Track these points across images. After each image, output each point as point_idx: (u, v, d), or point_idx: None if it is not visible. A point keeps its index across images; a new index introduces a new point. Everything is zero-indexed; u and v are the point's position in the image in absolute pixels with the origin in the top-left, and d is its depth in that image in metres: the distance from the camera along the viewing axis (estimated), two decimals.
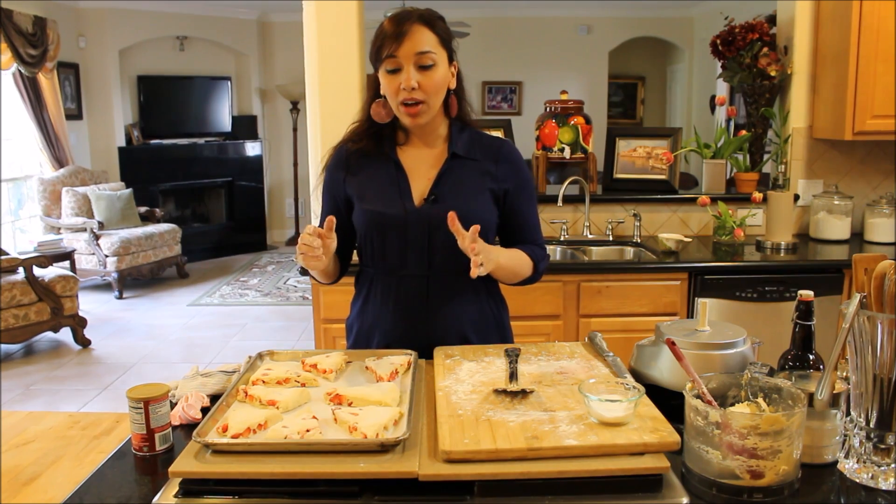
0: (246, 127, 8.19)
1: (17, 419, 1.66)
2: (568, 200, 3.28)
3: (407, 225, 1.59)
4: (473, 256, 1.39)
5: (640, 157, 3.44)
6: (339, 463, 1.04)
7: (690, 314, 2.84)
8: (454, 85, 1.61)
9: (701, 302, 1.42)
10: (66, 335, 4.99)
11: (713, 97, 7.27)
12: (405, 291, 1.63)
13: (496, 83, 8.61)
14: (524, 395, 1.23)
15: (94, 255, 6.11)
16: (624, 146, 3.48)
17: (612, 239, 3.29)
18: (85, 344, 4.90)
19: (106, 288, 6.35)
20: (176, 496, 1.04)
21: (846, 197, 3.24)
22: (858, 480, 1.11)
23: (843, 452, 1.15)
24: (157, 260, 6.45)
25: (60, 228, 6.24)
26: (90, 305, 5.81)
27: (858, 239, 3.28)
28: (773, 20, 3.44)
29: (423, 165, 1.63)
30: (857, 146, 3.30)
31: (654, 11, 8.23)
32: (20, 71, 5.96)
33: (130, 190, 6.63)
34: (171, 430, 1.25)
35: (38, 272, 4.74)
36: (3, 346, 4.75)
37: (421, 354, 1.49)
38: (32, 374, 4.43)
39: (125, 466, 1.19)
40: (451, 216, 1.40)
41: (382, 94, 1.58)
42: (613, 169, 3.48)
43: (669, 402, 1.26)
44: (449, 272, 1.60)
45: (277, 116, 8.54)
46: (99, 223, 6.12)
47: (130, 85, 7.48)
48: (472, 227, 1.40)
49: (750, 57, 3.29)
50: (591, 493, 1.03)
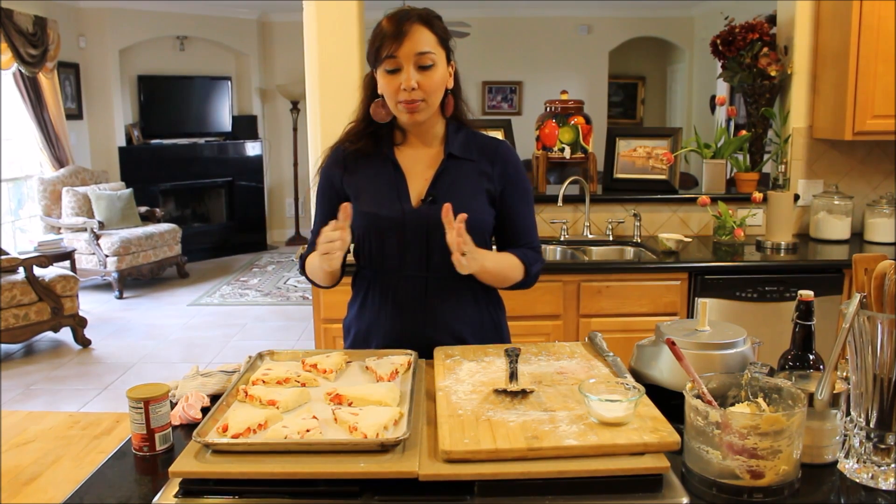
0: (246, 127, 8.19)
1: (17, 419, 1.66)
2: (568, 200, 3.28)
3: (405, 226, 1.58)
4: (456, 250, 1.40)
5: (640, 157, 3.44)
6: (339, 463, 1.05)
7: (690, 314, 2.84)
8: (452, 85, 1.60)
9: (701, 302, 1.42)
10: (66, 335, 5.00)
11: (713, 97, 7.28)
12: (403, 293, 1.62)
13: (496, 83, 8.61)
14: (524, 395, 1.23)
15: (94, 254, 6.11)
16: (624, 146, 3.48)
17: (612, 239, 3.29)
18: (85, 344, 4.91)
19: (106, 288, 6.35)
20: (176, 496, 1.04)
21: (846, 197, 3.24)
22: (858, 480, 1.11)
23: (843, 452, 1.15)
24: (157, 260, 6.45)
25: (60, 228, 6.24)
26: (90, 305, 5.81)
27: (858, 239, 3.28)
28: (773, 20, 3.44)
29: (419, 166, 1.63)
30: (857, 146, 3.30)
31: (654, 11, 8.23)
32: (20, 71, 5.97)
33: (130, 190, 6.63)
34: (171, 430, 1.25)
35: (38, 272, 4.74)
36: (3, 345, 4.75)
37: (419, 356, 1.48)
38: (32, 373, 4.43)
39: (125, 466, 1.19)
40: (445, 208, 1.41)
41: (380, 93, 1.58)
42: (613, 169, 3.48)
43: (669, 402, 1.26)
44: (447, 274, 1.59)
45: (277, 116, 8.54)
46: (99, 223, 6.12)
47: (131, 85, 7.48)
48: (458, 217, 1.40)
49: (750, 57, 3.29)
50: (591, 493, 1.03)
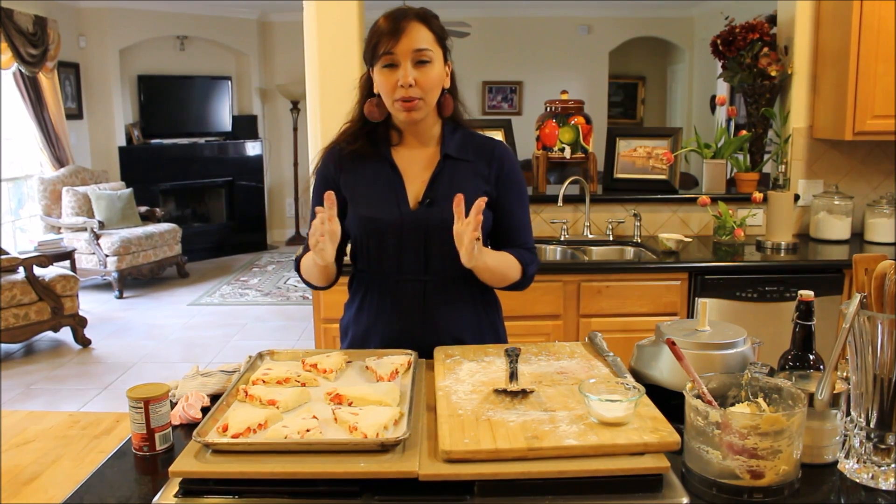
0: (246, 127, 8.19)
1: (17, 419, 1.66)
2: (568, 200, 3.28)
3: (403, 229, 1.57)
4: (472, 233, 1.37)
5: (640, 157, 3.44)
6: (339, 463, 1.04)
7: (690, 314, 2.84)
8: (448, 84, 1.59)
9: (701, 302, 1.42)
10: (66, 335, 4.99)
11: (713, 97, 7.28)
12: (401, 296, 1.61)
13: (496, 83, 8.60)
14: (524, 395, 1.23)
15: (94, 254, 6.11)
16: (624, 146, 3.48)
17: (612, 239, 3.29)
18: (85, 343, 4.90)
19: (106, 287, 6.35)
20: (176, 496, 1.04)
21: (846, 197, 3.24)
22: (858, 480, 1.11)
23: (843, 452, 1.15)
24: (157, 260, 6.45)
25: (61, 228, 6.24)
26: (90, 305, 5.81)
27: (858, 239, 3.28)
28: (773, 20, 3.43)
29: (416, 166, 1.62)
30: (857, 146, 3.30)
31: (654, 11, 8.23)
32: (20, 70, 5.97)
33: (131, 189, 6.63)
34: (171, 429, 1.25)
35: (38, 272, 4.74)
36: (3, 345, 4.75)
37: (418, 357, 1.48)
38: (32, 373, 4.43)
39: (125, 466, 1.19)
40: (457, 198, 1.38)
41: (376, 92, 1.56)
42: (614, 169, 3.48)
43: (669, 402, 1.26)
44: (445, 276, 1.59)
45: (277, 116, 8.54)
46: (99, 223, 6.12)
47: (131, 85, 7.48)
48: (475, 204, 1.36)
49: (750, 57, 3.29)
50: (591, 493, 1.03)
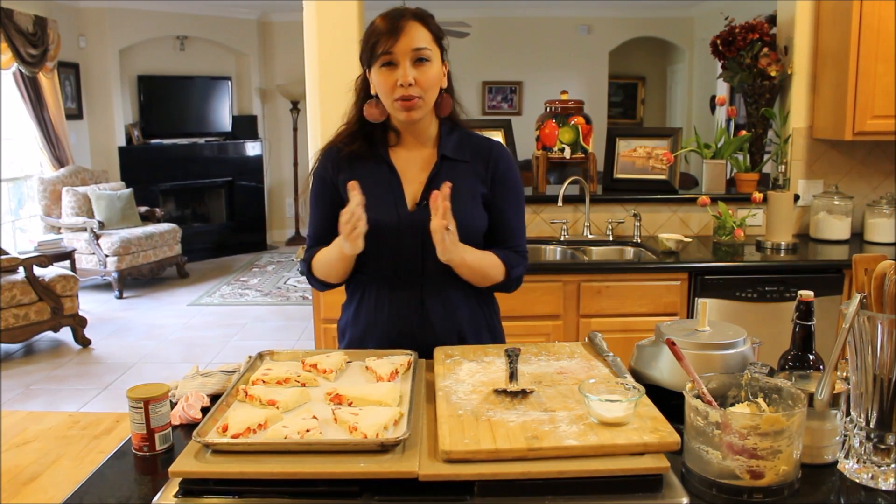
0: (246, 127, 8.19)
1: (17, 419, 1.66)
2: (568, 200, 3.28)
3: (400, 231, 1.57)
4: (439, 221, 1.40)
5: (640, 157, 3.44)
6: (339, 463, 1.04)
7: (690, 314, 2.84)
8: (445, 84, 1.59)
9: (701, 302, 1.42)
10: (66, 335, 4.99)
11: (713, 97, 7.27)
12: (398, 298, 1.61)
13: (496, 83, 8.61)
14: (524, 395, 1.23)
15: (94, 254, 6.11)
16: (624, 146, 3.48)
17: (612, 239, 3.29)
18: (85, 344, 4.90)
19: (106, 288, 6.35)
20: (176, 496, 1.04)
21: (846, 197, 3.24)
22: (858, 481, 1.11)
23: (843, 452, 1.15)
24: (157, 260, 6.45)
25: (60, 228, 6.24)
26: (90, 305, 5.81)
27: (858, 239, 3.28)
28: (773, 20, 3.43)
29: (414, 167, 1.61)
30: (857, 146, 3.30)
31: (654, 11, 8.23)
32: (20, 70, 5.97)
33: (130, 190, 6.63)
34: (171, 429, 1.25)
35: (38, 272, 4.74)
36: (3, 345, 4.75)
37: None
38: (32, 373, 4.43)
39: (125, 466, 1.19)
40: (433, 195, 1.40)
41: (373, 93, 1.56)
42: (613, 169, 3.48)
43: (669, 402, 1.26)
44: (442, 278, 1.58)
45: (277, 116, 8.54)
46: (99, 223, 6.12)
47: (130, 85, 7.48)
48: (441, 189, 1.41)
49: (750, 57, 3.29)
50: (591, 493, 1.03)
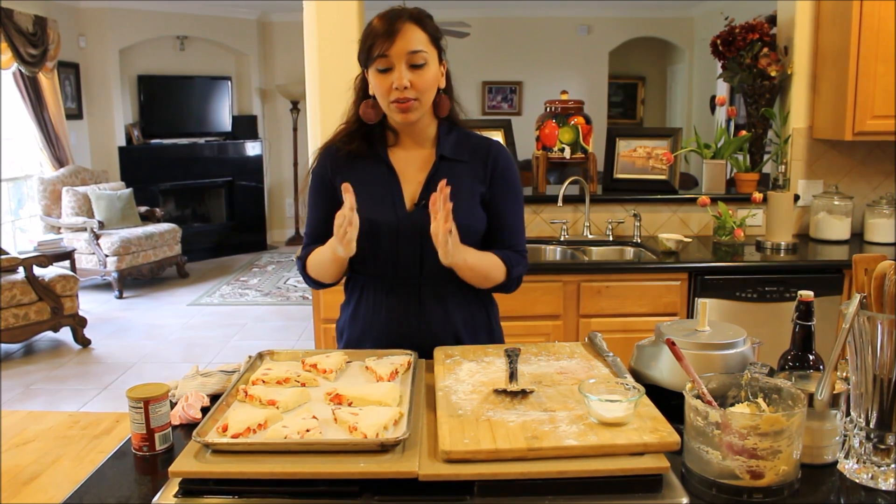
0: (246, 127, 8.19)
1: (17, 419, 1.66)
2: (568, 200, 3.28)
3: (398, 231, 1.57)
4: (443, 225, 1.37)
5: (640, 157, 3.44)
6: (339, 463, 1.05)
7: (690, 314, 2.84)
8: (444, 84, 1.59)
9: (701, 302, 1.42)
10: (66, 335, 4.99)
11: (713, 97, 7.27)
12: (396, 298, 1.61)
13: (496, 83, 8.60)
14: (524, 395, 1.23)
15: (94, 254, 6.11)
16: (624, 146, 3.48)
17: (612, 239, 3.29)
18: (85, 343, 4.90)
19: (106, 287, 6.35)
20: (176, 496, 1.04)
21: (846, 197, 3.24)
22: (858, 481, 1.11)
23: (842, 453, 1.15)
24: (157, 260, 6.45)
25: (60, 228, 6.24)
26: (90, 305, 5.81)
27: (858, 239, 3.28)
28: (773, 20, 3.43)
29: (412, 168, 1.61)
30: (857, 146, 3.30)
31: (654, 11, 8.23)
32: (20, 70, 5.97)
33: (130, 190, 6.63)
34: (171, 429, 1.25)
35: (38, 272, 4.74)
36: (3, 345, 4.75)
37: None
38: (32, 373, 4.43)
39: (125, 466, 1.19)
40: (433, 198, 1.38)
41: (371, 93, 1.56)
42: (613, 169, 3.48)
43: (669, 402, 1.26)
44: (440, 278, 1.58)
45: (277, 116, 8.54)
46: (99, 223, 6.12)
47: (130, 85, 7.48)
48: (439, 188, 1.37)
49: (750, 57, 3.29)
50: (591, 493, 1.03)
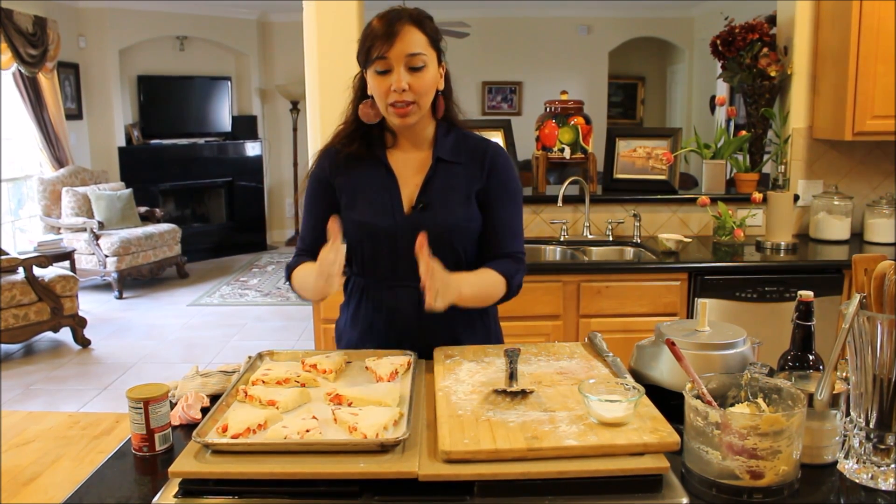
0: (246, 127, 8.19)
1: (17, 419, 1.66)
2: (568, 201, 3.28)
3: (397, 235, 1.56)
4: (428, 286, 1.30)
5: (640, 157, 3.44)
6: (338, 463, 1.05)
7: (690, 314, 2.84)
8: (443, 86, 1.58)
9: (701, 302, 1.42)
10: (65, 335, 4.99)
11: (713, 97, 7.28)
12: (396, 303, 1.61)
13: (496, 83, 8.60)
14: (524, 395, 1.23)
15: (93, 255, 6.11)
16: (624, 146, 3.48)
17: (612, 239, 3.29)
18: (85, 344, 4.90)
19: (106, 288, 6.35)
20: (176, 496, 1.04)
21: (846, 197, 3.24)
22: (858, 481, 1.11)
23: (842, 453, 1.15)
24: (157, 260, 6.44)
25: (60, 228, 6.24)
26: (90, 305, 5.81)
27: (858, 239, 3.28)
28: (773, 20, 3.43)
29: (410, 170, 1.61)
30: (857, 146, 3.30)
31: (654, 11, 8.23)
32: (20, 71, 5.96)
33: (130, 190, 6.62)
34: (170, 430, 1.25)
35: (37, 272, 4.73)
36: (3, 346, 4.75)
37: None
38: (32, 374, 4.43)
39: (125, 466, 1.19)
40: (419, 241, 1.32)
41: (370, 94, 1.56)
42: (613, 169, 3.48)
43: (669, 402, 1.26)
44: None
45: (277, 116, 8.54)
46: (99, 223, 6.12)
47: (130, 85, 7.48)
48: (417, 245, 1.31)
49: (750, 57, 3.29)
50: (590, 493, 1.03)
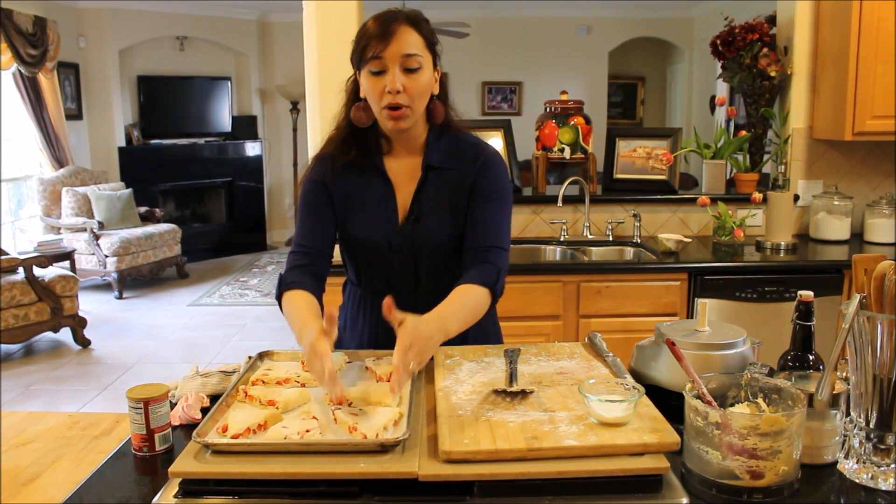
0: (246, 127, 8.19)
1: (17, 419, 1.66)
2: (568, 201, 3.28)
3: (391, 248, 1.55)
4: (393, 379, 1.17)
5: (640, 157, 3.44)
6: (339, 463, 1.05)
7: (690, 314, 2.84)
8: (437, 90, 1.54)
9: (701, 302, 1.42)
10: (65, 335, 4.99)
11: (713, 97, 7.27)
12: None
13: (496, 83, 8.60)
14: (524, 395, 1.23)
15: (93, 255, 6.11)
16: (624, 146, 3.48)
17: (612, 239, 3.29)
18: (85, 344, 4.90)
19: (106, 288, 6.35)
20: (176, 496, 1.04)
21: (846, 197, 3.24)
22: (858, 481, 1.11)
23: (842, 453, 1.15)
24: (157, 260, 6.45)
25: (60, 228, 6.24)
26: (90, 305, 5.81)
27: (858, 239, 3.27)
28: (773, 20, 3.43)
29: (404, 177, 1.58)
30: (856, 147, 3.30)
31: (654, 11, 8.23)
32: (20, 71, 5.96)
33: (130, 190, 6.63)
34: (170, 430, 1.25)
35: (38, 272, 4.73)
36: (3, 346, 4.75)
37: None
38: (32, 374, 4.43)
39: (125, 466, 1.19)
40: (386, 305, 1.23)
41: (363, 96, 1.52)
42: (613, 169, 3.48)
43: (669, 402, 1.26)
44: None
45: (277, 116, 8.54)
46: (99, 223, 6.12)
47: (130, 85, 7.48)
48: (398, 316, 1.23)
49: (750, 57, 3.29)
50: (590, 493, 1.03)
